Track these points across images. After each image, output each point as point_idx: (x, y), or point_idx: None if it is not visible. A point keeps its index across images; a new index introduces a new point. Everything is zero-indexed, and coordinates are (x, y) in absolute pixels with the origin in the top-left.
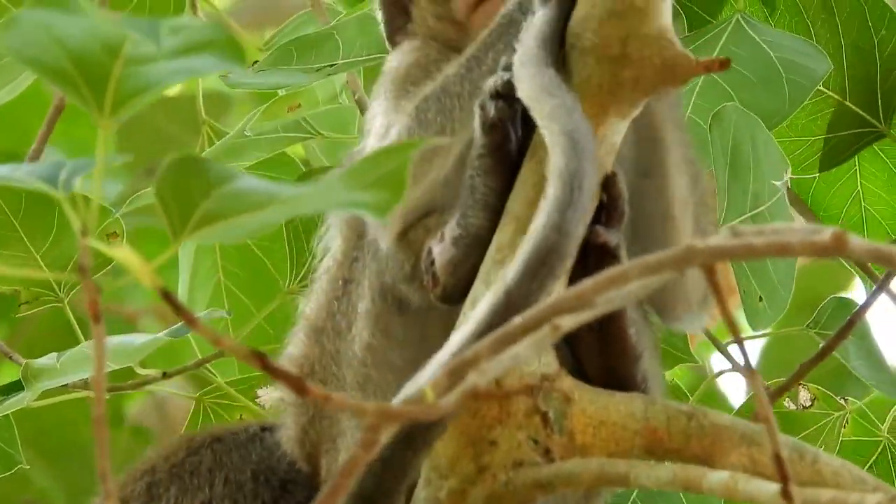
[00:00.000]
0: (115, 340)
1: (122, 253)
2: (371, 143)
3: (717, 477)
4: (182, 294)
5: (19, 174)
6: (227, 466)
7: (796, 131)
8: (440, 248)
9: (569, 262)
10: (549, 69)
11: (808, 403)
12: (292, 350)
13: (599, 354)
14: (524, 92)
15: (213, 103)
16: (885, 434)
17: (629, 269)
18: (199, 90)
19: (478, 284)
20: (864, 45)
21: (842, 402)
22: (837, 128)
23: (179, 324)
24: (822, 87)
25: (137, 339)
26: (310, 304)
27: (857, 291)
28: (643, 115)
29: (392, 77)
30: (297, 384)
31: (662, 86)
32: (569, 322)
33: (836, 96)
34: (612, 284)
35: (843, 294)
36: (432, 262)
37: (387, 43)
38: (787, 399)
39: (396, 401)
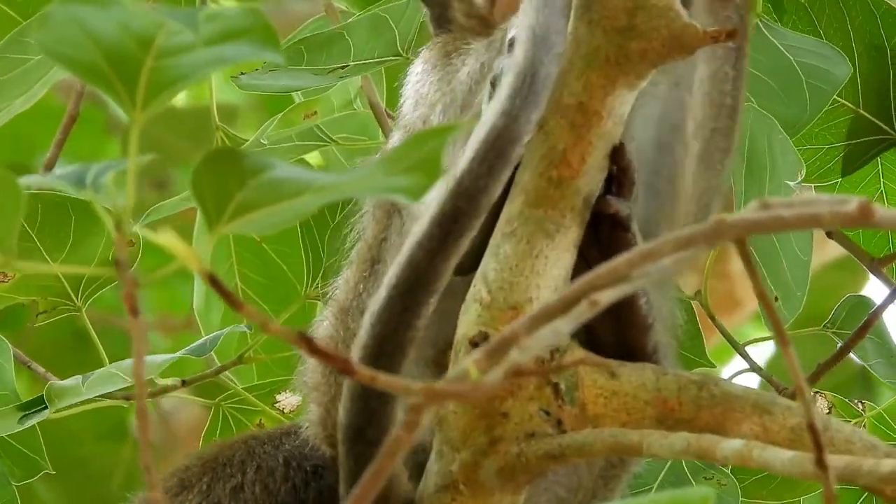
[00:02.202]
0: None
1: (165, 237)
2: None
3: (731, 445)
4: (198, 300)
5: (48, 181)
6: (260, 456)
7: (809, 140)
8: None
9: (521, 148)
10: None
11: (826, 411)
12: (320, 332)
13: (610, 325)
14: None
15: (219, 114)
16: None
17: (663, 243)
18: (213, 98)
19: (487, 257)
20: (876, 53)
21: (859, 407)
22: (852, 136)
23: (201, 341)
24: (834, 96)
25: (158, 358)
26: (339, 287)
27: (867, 290)
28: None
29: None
30: (342, 364)
31: (670, 56)
32: (606, 297)
33: (848, 104)
34: (646, 259)
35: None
36: None
37: (431, 28)
38: None
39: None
